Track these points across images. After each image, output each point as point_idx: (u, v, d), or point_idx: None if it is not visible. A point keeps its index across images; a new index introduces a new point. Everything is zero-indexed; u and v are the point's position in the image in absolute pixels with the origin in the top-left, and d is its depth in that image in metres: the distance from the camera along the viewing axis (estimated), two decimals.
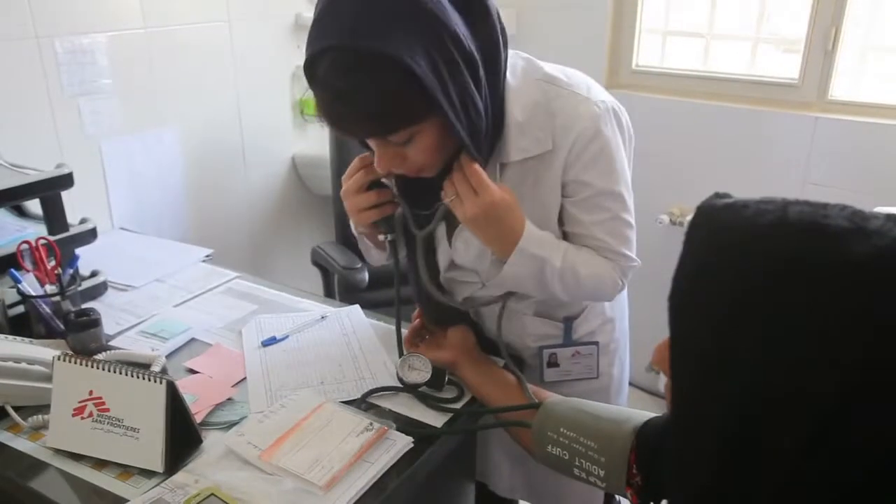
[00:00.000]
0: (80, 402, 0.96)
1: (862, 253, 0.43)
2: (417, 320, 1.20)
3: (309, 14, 2.17)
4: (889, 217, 0.46)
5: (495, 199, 0.96)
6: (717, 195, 0.54)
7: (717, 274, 0.49)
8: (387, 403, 1.07)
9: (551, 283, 1.03)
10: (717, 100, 2.15)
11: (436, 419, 1.04)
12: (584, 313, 1.20)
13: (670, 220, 2.25)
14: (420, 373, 1.09)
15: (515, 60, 1.03)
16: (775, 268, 0.46)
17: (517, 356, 1.20)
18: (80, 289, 1.31)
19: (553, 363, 1.20)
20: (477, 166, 0.96)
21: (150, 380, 0.94)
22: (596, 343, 1.20)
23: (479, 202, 0.96)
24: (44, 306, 1.22)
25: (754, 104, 2.09)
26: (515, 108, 1.00)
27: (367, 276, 1.83)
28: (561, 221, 1.08)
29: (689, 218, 2.12)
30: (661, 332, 0.59)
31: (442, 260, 1.14)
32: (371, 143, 0.97)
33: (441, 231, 1.12)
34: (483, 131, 0.95)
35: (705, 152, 2.20)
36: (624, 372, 1.31)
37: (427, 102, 0.86)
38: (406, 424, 1.02)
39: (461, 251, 1.10)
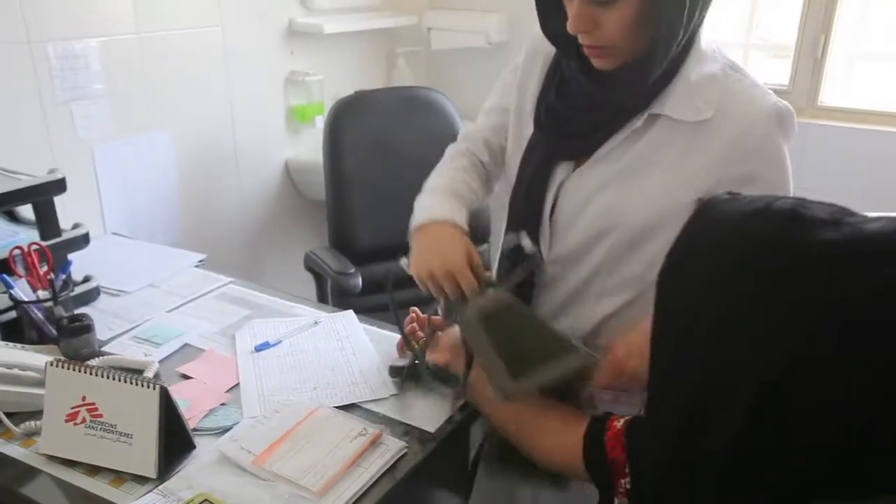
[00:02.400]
0: (72, 407, 0.96)
1: (826, 239, 0.46)
2: (412, 324, 1.15)
3: (302, 20, 2.18)
4: (876, 218, 0.48)
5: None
6: (729, 193, 0.57)
7: (697, 253, 0.53)
8: (380, 408, 1.08)
9: None
10: None
11: (429, 423, 1.04)
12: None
13: None
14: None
15: (711, 45, 1.00)
16: (744, 247, 0.49)
17: None
18: (72, 294, 1.30)
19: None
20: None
21: (143, 385, 0.94)
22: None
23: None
24: (36, 312, 1.21)
25: None
26: (692, 69, 0.96)
27: (360, 281, 1.83)
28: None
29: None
30: None
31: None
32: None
33: None
34: (670, 53, 0.91)
35: None
36: None
37: None
38: (399, 429, 1.03)
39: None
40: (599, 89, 1.00)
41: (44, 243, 1.28)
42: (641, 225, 1.00)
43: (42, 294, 1.23)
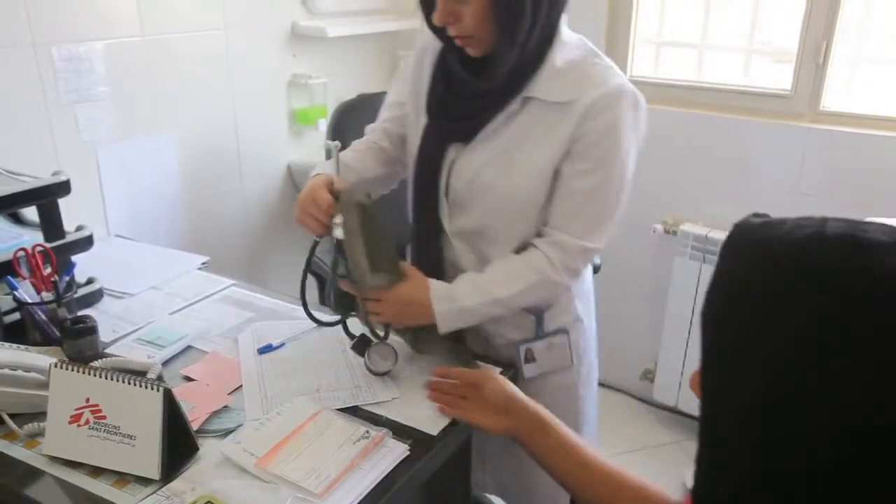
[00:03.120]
0: (76, 409, 0.96)
1: (893, 266, 0.45)
2: (444, 380, 1.12)
3: (305, 23, 2.18)
4: None
5: (396, 296, 1.13)
6: (756, 215, 0.55)
7: (752, 285, 0.50)
8: (383, 411, 1.08)
9: (485, 314, 1.15)
10: (711, 110, 2.17)
11: (431, 427, 1.04)
12: (553, 308, 1.26)
13: (664, 230, 2.26)
14: (386, 363, 1.16)
15: (573, 35, 1.16)
16: (808, 278, 0.47)
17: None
18: (76, 296, 1.31)
19: (530, 358, 1.26)
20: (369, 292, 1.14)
21: (146, 387, 0.94)
22: (566, 331, 1.27)
23: (383, 305, 1.14)
24: (40, 313, 1.22)
25: (747, 115, 2.11)
26: (557, 56, 1.11)
27: None
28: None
29: (683, 227, 2.13)
30: (653, 336, 0.61)
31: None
32: None
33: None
34: (518, 44, 1.06)
35: (698, 162, 2.21)
36: (592, 372, 1.37)
37: None
38: (402, 432, 1.03)
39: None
40: (474, 77, 1.14)
41: (48, 245, 1.29)
42: (524, 196, 1.15)
43: (46, 296, 1.23)
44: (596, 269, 1.77)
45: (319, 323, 1.31)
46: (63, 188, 1.33)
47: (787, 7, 2.02)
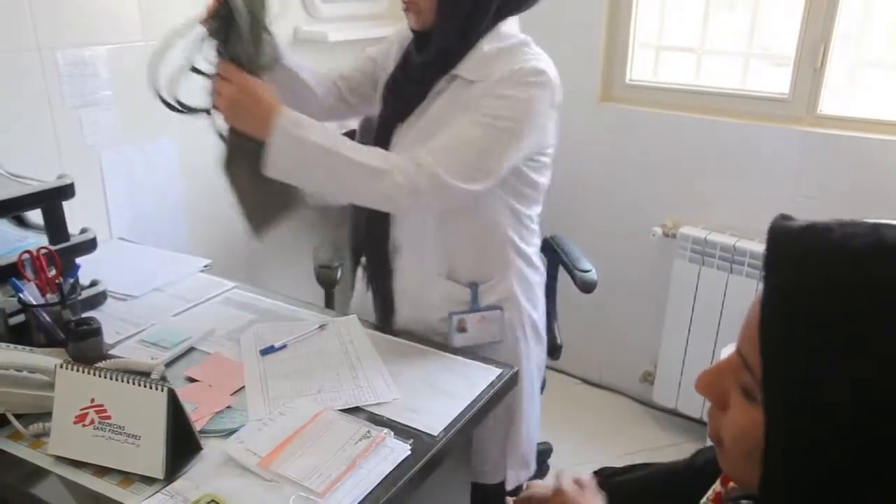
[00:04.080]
0: (81, 409, 0.97)
1: None
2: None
3: (307, 28, 2.20)
4: None
5: (247, 84, 1.12)
6: (784, 217, 0.52)
7: (814, 300, 0.47)
8: (384, 411, 1.09)
9: (317, 167, 1.12)
10: (709, 114, 2.19)
11: (433, 427, 1.05)
12: (490, 282, 1.32)
13: (663, 233, 2.28)
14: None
15: (519, 34, 1.24)
16: (878, 290, 0.45)
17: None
18: (80, 298, 1.32)
19: (462, 329, 1.32)
20: (229, 65, 1.13)
21: (151, 387, 0.95)
22: (500, 308, 1.32)
23: (231, 87, 1.12)
24: (45, 315, 1.23)
25: (745, 118, 2.13)
26: (487, 44, 1.21)
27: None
28: None
29: (682, 230, 2.14)
30: (652, 338, 0.61)
31: None
32: None
33: None
34: (457, 20, 1.18)
35: (697, 165, 2.23)
36: (531, 361, 1.41)
37: None
38: (403, 432, 1.04)
39: None
40: (417, 51, 1.27)
41: (52, 247, 1.30)
42: None
43: (50, 298, 1.24)
44: (590, 288, 1.75)
45: (181, 108, 1.24)
46: (68, 191, 1.34)
47: (784, 11, 2.04)
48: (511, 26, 1.24)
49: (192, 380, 1.18)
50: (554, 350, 1.76)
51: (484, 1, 1.17)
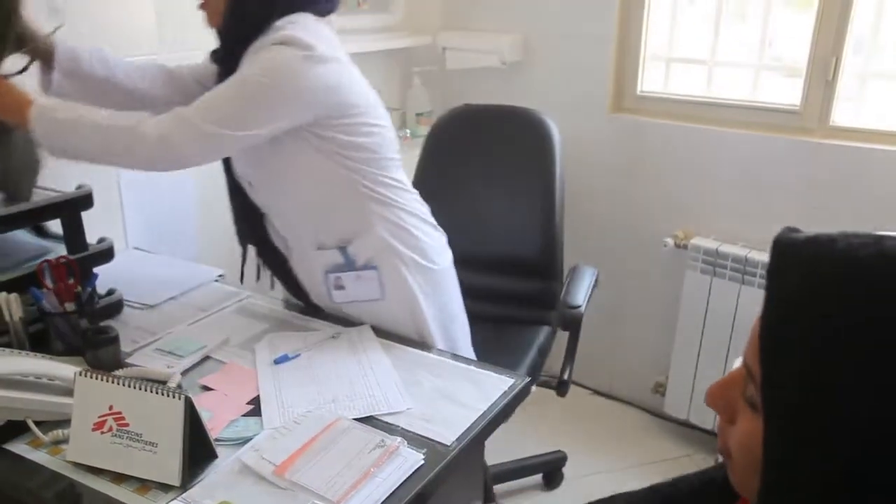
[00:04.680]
0: (100, 416, 0.99)
1: None
2: None
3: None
4: None
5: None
6: (790, 229, 0.53)
7: (816, 312, 0.47)
8: (398, 421, 1.10)
9: (74, 138, 1.20)
10: (721, 125, 2.19)
11: (446, 436, 1.06)
12: (358, 240, 1.36)
13: (675, 244, 2.28)
14: None
15: (305, 23, 1.27)
16: (880, 300, 0.45)
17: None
18: (97, 307, 1.34)
19: (339, 286, 1.39)
20: None
21: (168, 395, 0.97)
22: (375, 267, 1.37)
23: None
24: (63, 324, 1.25)
25: (757, 129, 2.13)
26: (259, 40, 1.25)
27: None
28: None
29: (693, 241, 2.14)
30: (664, 350, 0.61)
31: None
32: None
33: None
34: (244, 21, 1.25)
35: (709, 177, 2.23)
36: (417, 303, 1.40)
37: None
38: (417, 441, 1.05)
39: None
40: (214, 55, 1.36)
41: (71, 257, 1.32)
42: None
43: (69, 306, 1.26)
44: (567, 325, 1.74)
45: None
46: (87, 201, 1.37)
47: (796, 23, 2.04)
48: (292, 25, 1.26)
49: (207, 388, 1.19)
50: (561, 385, 1.76)
51: (269, 5, 1.25)
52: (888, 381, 0.45)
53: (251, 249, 1.52)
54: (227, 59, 1.30)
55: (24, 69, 1.30)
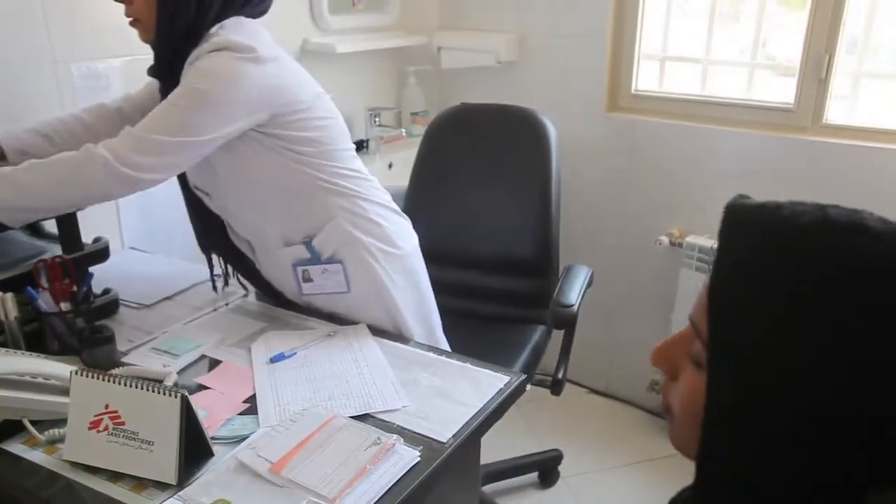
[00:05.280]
0: (96, 415, 0.99)
1: None
2: None
3: (316, 40, 2.23)
4: None
5: None
6: (742, 196, 0.56)
7: (762, 272, 0.50)
8: (394, 418, 1.10)
9: (25, 194, 1.18)
10: (715, 123, 2.20)
11: (441, 434, 1.06)
12: (321, 233, 1.37)
13: (670, 242, 2.29)
14: None
15: (239, 26, 1.28)
16: (823, 264, 0.48)
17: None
18: (93, 306, 1.34)
19: (307, 279, 1.41)
20: None
21: (165, 394, 0.97)
22: (340, 261, 1.38)
23: None
24: (59, 323, 1.25)
25: (751, 128, 2.14)
26: (196, 49, 1.24)
27: None
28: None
29: (688, 239, 2.15)
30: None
31: None
32: None
33: None
34: (175, 36, 1.24)
35: (703, 175, 2.24)
36: (391, 275, 1.42)
37: None
38: (412, 439, 1.05)
39: None
40: (150, 69, 1.34)
41: (66, 256, 1.32)
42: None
43: (64, 306, 1.26)
44: (560, 324, 1.74)
45: None
46: None
47: (789, 21, 2.05)
48: (227, 30, 1.26)
49: (203, 387, 1.19)
50: (555, 384, 1.76)
51: (201, 15, 1.24)
52: (827, 339, 0.47)
53: (216, 259, 1.53)
54: (165, 73, 1.29)
55: None
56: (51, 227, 1.44)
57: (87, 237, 1.43)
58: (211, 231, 1.47)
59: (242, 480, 0.96)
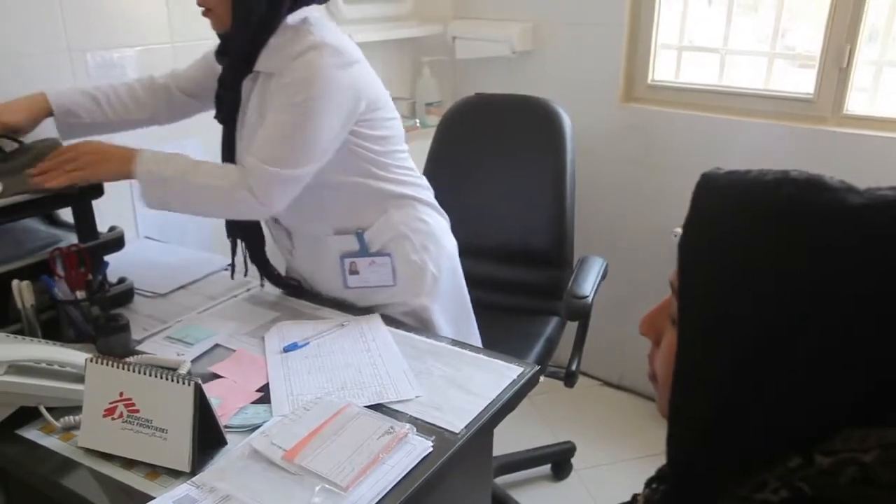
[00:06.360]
0: (111, 403, 0.99)
1: (856, 203, 0.51)
2: None
3: None
4: (872, 188, 0.54)
5: (90, 146, 1.30)
6: (717, 168, 0.60)
7: (726, 221, 0.54)
8: (407, 408, 1.10)
9: (175, 196, 1.28)
10: (733, 114, 2.17)
11: (454, 424, 1.06)
12: (374, 225, 1.39)
13: None
14: None
15: (321, 23, 1.29)
16: (781, 211, 0.51)
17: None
18: (108, 295, 1.35)
19: (354, 271, 1.41)
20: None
21: (179, 382, 0.97)
22: (389, 254, 1.39)
23: (84, 155, 1.28)
24: (74, 311, 1.26)
25: (770, 118, 2.11)
26: (275, 39, 1.26)
27: None
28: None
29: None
30: None
31: None
32: None
33: None
34: (251, 26, 1.25)
35: (721, 166, 2.21)
36: (438, 297, 1.44)
37: None
38: (425, 429, 1.05)
39: None
40: (219, 55, 1.35)
41: (82, 245, 1.33)
42: None
43: (80, 294, 1.27)
44: (573, 316, 1.73)
45: None
46: (97, 190, 1.37)
47: (810, 11, 2.02)
48: (297, 15, 1.28)
49: (216, 376, 1.20)
50: (569, 376, 1.75)
51: (276, 3, 1.24)
52: (787, 286, 0.50)
53: (241, 245, 1.53)
54: (242, 62, 1.30)
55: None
56: (66, 215, 1.44)
57: (102, 226, 1.44)
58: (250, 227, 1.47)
59: (256, 468, 0.96)
